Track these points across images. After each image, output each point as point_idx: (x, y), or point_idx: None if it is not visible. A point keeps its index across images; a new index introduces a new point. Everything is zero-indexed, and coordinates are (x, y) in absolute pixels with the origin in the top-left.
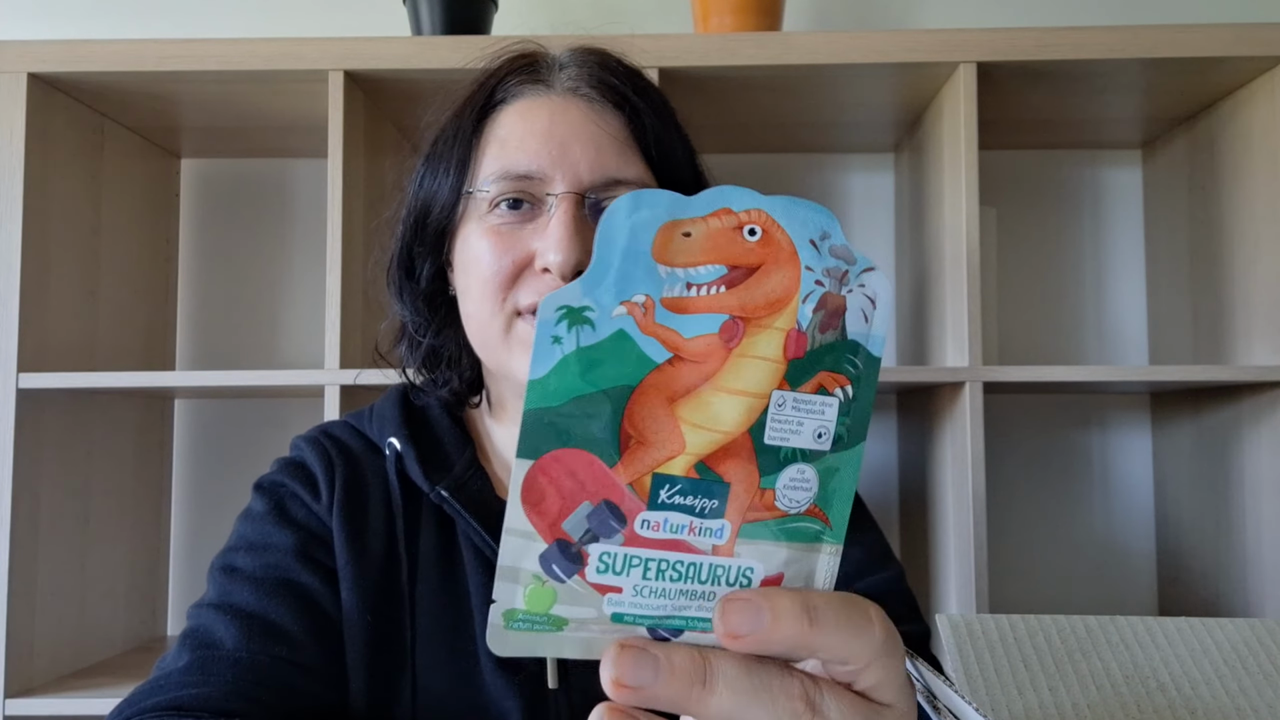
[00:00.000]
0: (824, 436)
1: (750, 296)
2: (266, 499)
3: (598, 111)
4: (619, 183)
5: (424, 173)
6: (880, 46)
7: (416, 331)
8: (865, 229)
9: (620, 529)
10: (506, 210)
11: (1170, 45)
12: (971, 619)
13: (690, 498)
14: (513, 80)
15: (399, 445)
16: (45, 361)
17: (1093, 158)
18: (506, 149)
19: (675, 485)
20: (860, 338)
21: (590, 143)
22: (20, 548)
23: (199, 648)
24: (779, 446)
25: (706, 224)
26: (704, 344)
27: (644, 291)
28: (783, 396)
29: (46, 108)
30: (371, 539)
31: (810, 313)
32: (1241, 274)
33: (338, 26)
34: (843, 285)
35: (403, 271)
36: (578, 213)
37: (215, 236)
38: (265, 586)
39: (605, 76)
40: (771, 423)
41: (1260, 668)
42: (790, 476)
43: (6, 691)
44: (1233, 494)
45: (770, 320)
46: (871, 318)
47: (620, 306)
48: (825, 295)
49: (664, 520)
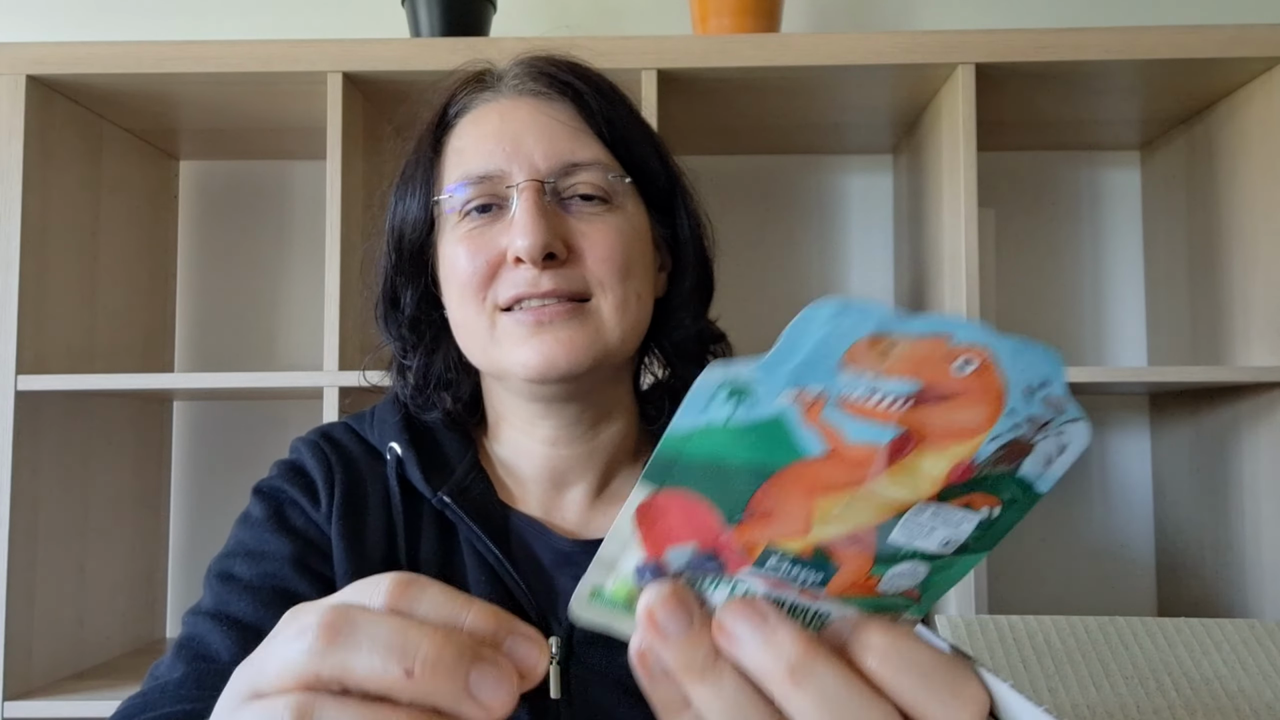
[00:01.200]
0: (950, 544)
1: (933, 419)
2: (265, 505)
3: (545, 102)
4: (576, 165)
5: (394, 202)
6: (879, 48)
7: (404, 356)
8: (864, 230)
9: (720, 576)
10: (476, 215)
11: (1168, 47)
12: (971, 620)
13: (796, 569)
14: (462, 94)
15: (400, 450)
16: (44, 364)
17: (1091, 159)
18: (464, 157)
19: (786, 557)
20: (1032, 476)
21: (542, 132)
22: (19, 550)
23: (194, 659)
24: (902, 547)
25: (915, 344)
26: (865, 450)
27: (820, 387)
28: (924, 505)
29: (45, 110)
30: (371, 546)
31: (991, 451)
32: (1240, 275)
33: (336, 28)
34: (1039, 433)
35: (388, 303)
36: (539, 200)
37: (214, 238)
38: (262, 596)
39: (547, 69)
40: (904, 524)
41: (1259, 668)
42: (902, 569)
43: (5, 694)
44: (1231, 494)
45: (947, 445)
46: (1054, 462)
47: (789, 393)
48: (1015, 440)
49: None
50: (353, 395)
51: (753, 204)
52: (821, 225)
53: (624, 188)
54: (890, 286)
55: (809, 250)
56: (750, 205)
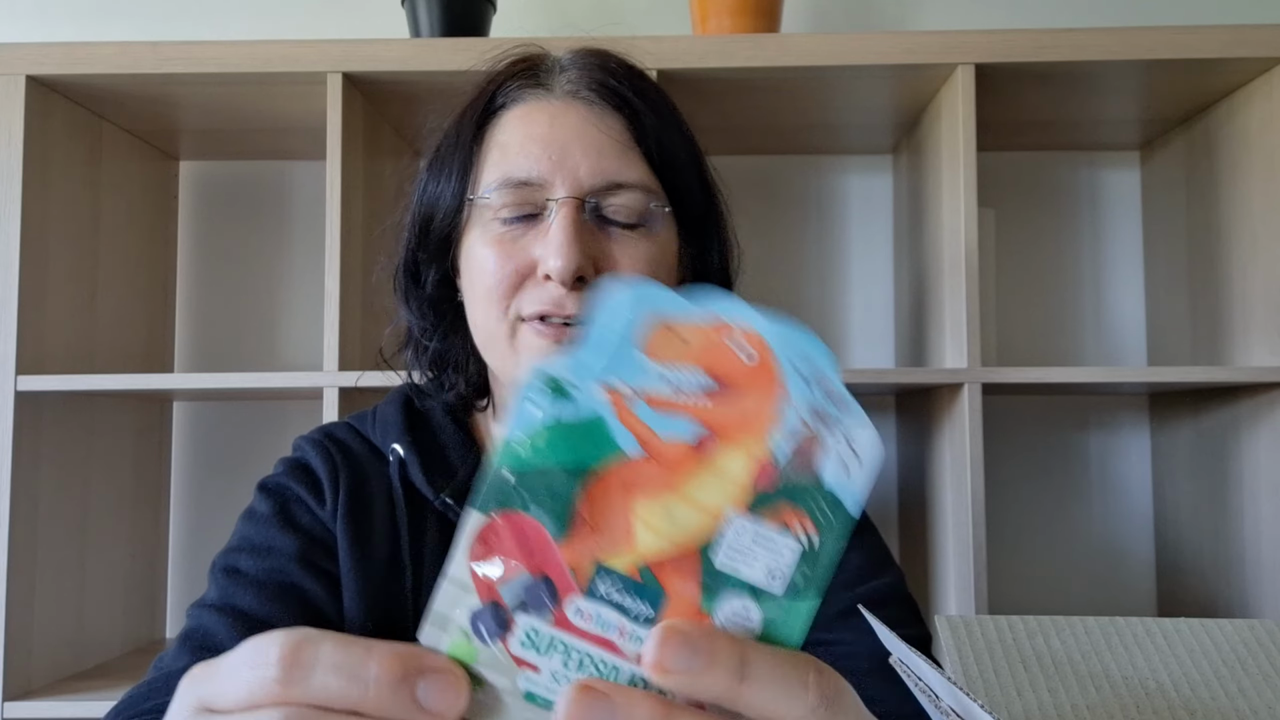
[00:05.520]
0: (777, 579)
1: (728, 411)
2: (271, 501)
3: (598, 114)
4: (620, 186)
5: (427, 179)
6: (878, 48)
7: (423, 336)
8: (864, 231)
9: (552, 608)
10: (510, 221)
11: (1168, 47)
12: (970, 620)
13: (627, 598)
14: (513, 85)
15: (402, 451)
16: (44, 364)
17: (1091, 159)
18: (507, 155)
19: (615, 582)
20: (838, 489)
21: (590, 146)
22: (19, 550)
23: (199, 650)
24: (728, 575)
25: (702, 331)
26: (676, 450)
27: (629, 381)
28: (742, 524)
29: (45, 110)
30: (375, 545)
31: (786, 447)
32: (1240, 275)
33: (336, 29)
34: (826, 429)
35: (409, 277)
36: (578, 217)
37: (214, 239)
38: (268, 590)
39: (605, 78)
40: (726, 548)
41: (1260, 669)
42: (733, 608)
43: (5, 694)
44: (1231, 495)
45: (742, 439)
46: (853, 472)
47: (603, 391)
48: (806, 437)
49: (597, 613)
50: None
51: (753, 205)
52: (821, 226)
53: (663, 215)
54: (890, 287)
55: (809, 251)
56: (750, 206)
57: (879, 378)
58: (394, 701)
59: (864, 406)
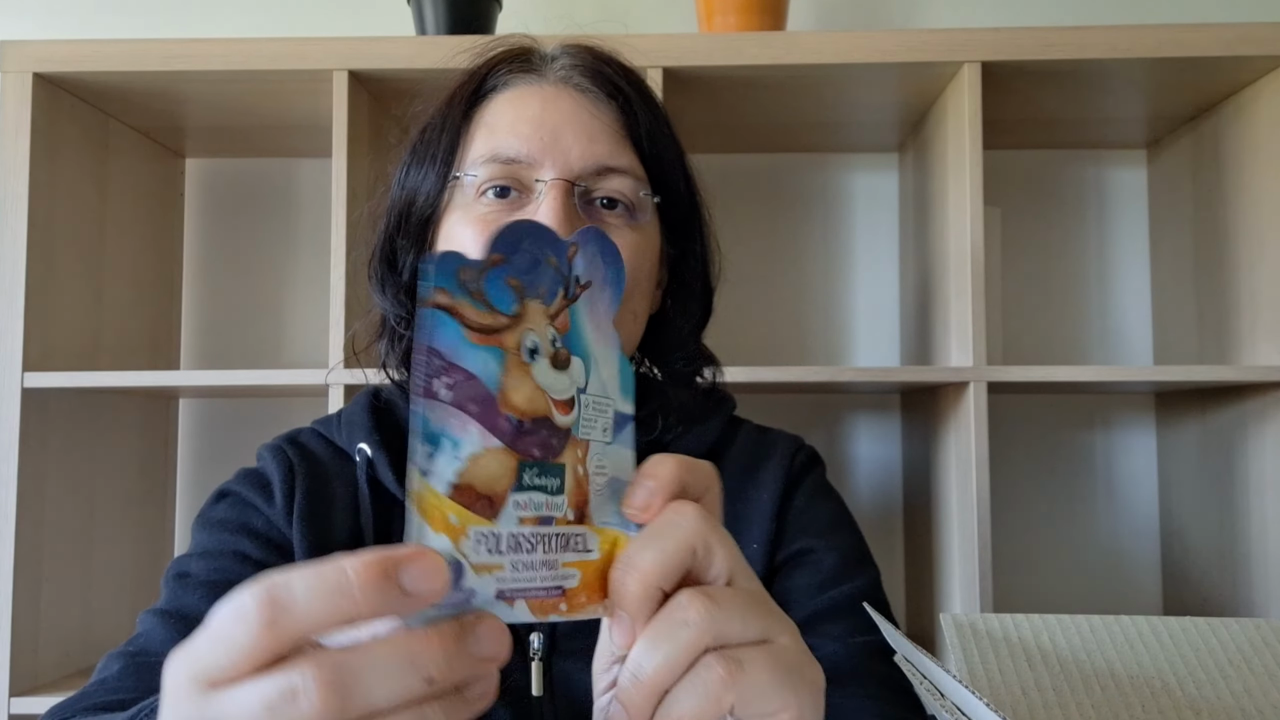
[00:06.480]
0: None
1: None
2: (222, 507)
3: (591, 101)
4: (611, 170)
5: (410, 163)
6: (885, 46)
7: (399, 325)
8: (870, 229)
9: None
10: (493, 198)
11: (1175, 45)
12: (975, 618)
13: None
14: (504, 69)
15: (369, 451)
16: (50, 361)
17: (1097, 157)
18: (496, 133)
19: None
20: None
21: (582, 131)
22: (25, 547)
23: (133, 655)
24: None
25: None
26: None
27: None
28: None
29: (52, 107)
30: (337, 546)
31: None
32: (1247, 273)
33: (342, 26)
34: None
35: (385, 264)
36: (567, 201)
37: (220, 236)
38: (217, 590)
39: (599, 67)
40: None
41: (1265, 668)
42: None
43: (11, 690)
44: (1237, 494)
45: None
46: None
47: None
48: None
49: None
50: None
51: (758, 202)
52: (827, 223)
53: (650, 205)
54: (896, 285)
55: (815, 249)
56: (756, 204)
57: (884, 376)
58: (383, 599)
59: (869, 405)
